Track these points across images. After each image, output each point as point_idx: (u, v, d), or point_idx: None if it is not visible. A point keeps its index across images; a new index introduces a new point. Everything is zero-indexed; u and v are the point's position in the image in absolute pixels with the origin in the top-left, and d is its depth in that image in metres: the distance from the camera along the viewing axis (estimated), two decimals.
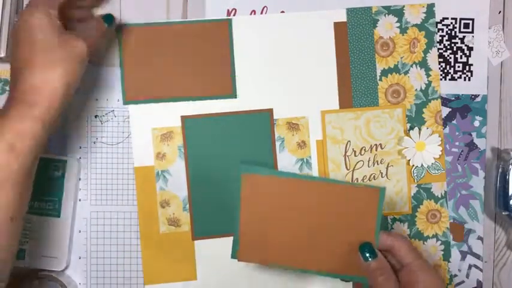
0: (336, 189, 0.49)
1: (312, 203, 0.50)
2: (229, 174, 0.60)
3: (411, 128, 0.62)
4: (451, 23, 0.62)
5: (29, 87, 0.47)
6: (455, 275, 0.63)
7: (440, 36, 0.62)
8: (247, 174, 0.50)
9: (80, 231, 0.61)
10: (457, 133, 0.63)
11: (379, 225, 0.49)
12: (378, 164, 0.62)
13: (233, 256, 0.52)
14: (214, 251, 0.61)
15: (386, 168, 0.62)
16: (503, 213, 0.61)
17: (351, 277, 0.53)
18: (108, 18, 0.56)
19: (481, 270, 0.63)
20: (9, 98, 0.48)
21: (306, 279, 0.61)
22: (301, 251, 0.50)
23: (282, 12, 0.61)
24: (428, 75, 0.62)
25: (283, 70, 0.61)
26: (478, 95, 0.63)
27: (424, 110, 0.62)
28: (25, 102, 0.46)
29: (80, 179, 0.61)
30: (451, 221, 0.63)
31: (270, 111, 0.61)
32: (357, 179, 0.61)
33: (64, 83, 0.48)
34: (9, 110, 0.46)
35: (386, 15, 0.61)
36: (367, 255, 0.49)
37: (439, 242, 0.62)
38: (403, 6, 0.62)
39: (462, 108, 0.62)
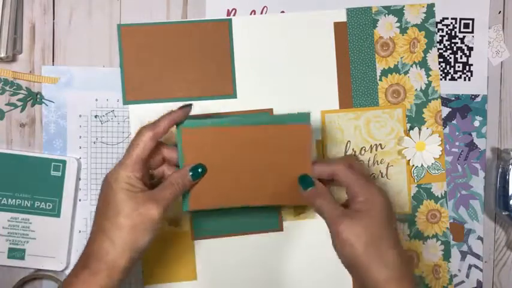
0: (269, 130, 0.52)
1: (250, 146, 0.52)
2: None
3: (411, 128, 0.62)
4: (451, 23, 0.62)
5: (94, 252, 0.47)
6: (455, 275, 0.63)
7: (440, 36, 0.62)
8: (186, 128, 0.52)
9: (80, 231, 0.61)
10: (457, 133, 0.63)
11: (312, 157, 0.53)
12: (378, 164, 0.62)
13: (185, 208, 0.53)
14: (214, 251, 0.61)
15: (386, 168, 0.62)
16: (503, 213, 0.61)
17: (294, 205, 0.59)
18: (196, 171, 0.52)
19: (481, 270, 0.63)
20: (78, 259, 0.49)
21: (305, 281, 0.61)
22: (247, 190, 0.53)
23: (282, 12, 0.61)
24: (428, 75, 0.62)
25: (283, 70, 0.61)
26: (478, 95, 0.63)
27: (424, 110, 0.62)
28: (88, 268, 0.47)
29: (80, 179, 0.61)
30: (451, 221, 0.63)
31: (270, 111, 0.61)
32: None
33: (127, 254, 0.47)
34: (74, 275, 0.48)
35: (386, 15, 0.61)
36: (305, 185, 0.52)
37: (439, 242, 0.62)
38: (403, 6, 0.62)
39: (462, 108, 0.62)
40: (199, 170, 0.52)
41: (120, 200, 0.48)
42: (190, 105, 0.52)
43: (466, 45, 0.63)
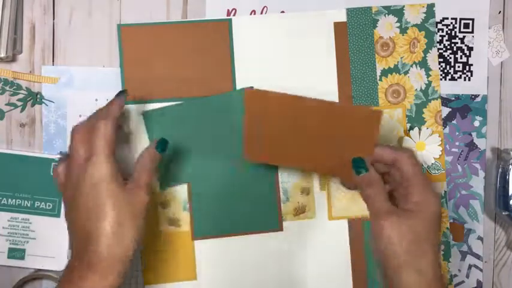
0: (337, 109, 0.51)
1: (314, 119, 0.51)
2: (230, 174, 0.60)
3: (411, 128, 0.62)
4: (451, 23, 0.62)
5: (102, 255, 0.46)
6: (455, 275, 0.63)
7: (440, 36, 0.62)
8: (250, 89, 0.53)
9: None
10: (457, 133, 0.63)
11: (375, 143, 0.52)
12: None
13: (161, 188, 0.58)
14: (214, 251, 0.61)
15: None
16: (503, 213, 0.61)
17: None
18: (162, 144, 0.51)
19: (481, 270, 0.63)
20: (75, 260, 0.47)
21: (305, 281, 0.61)
22: (302, 155, 0.53)
23: (282, 12, 0.61)
24: (428, 75, 0.62)
25: (283, 70, 0.61)
26: (478, 95, 0.63)
27: (424, 110, 0.62)
28: (97, 272, 0.46)
29: None
30: (451, 221, 0.63)
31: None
32: None
33: (133, 246, 0.47)
34: (81, 280, 0.46)
35: (386, 15, 0.61)
36: (358, 169, 0.50)
37: None
38: (403, 6, 0.62)
39: (462, 108, 0.62)
40: (166, 145, 0.52)
41: (116, 196, 0.47)
42: (125, 91, 0.54)
43: (466, 45, 0.63)
